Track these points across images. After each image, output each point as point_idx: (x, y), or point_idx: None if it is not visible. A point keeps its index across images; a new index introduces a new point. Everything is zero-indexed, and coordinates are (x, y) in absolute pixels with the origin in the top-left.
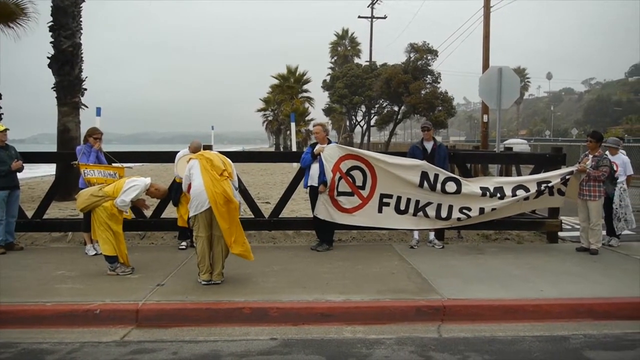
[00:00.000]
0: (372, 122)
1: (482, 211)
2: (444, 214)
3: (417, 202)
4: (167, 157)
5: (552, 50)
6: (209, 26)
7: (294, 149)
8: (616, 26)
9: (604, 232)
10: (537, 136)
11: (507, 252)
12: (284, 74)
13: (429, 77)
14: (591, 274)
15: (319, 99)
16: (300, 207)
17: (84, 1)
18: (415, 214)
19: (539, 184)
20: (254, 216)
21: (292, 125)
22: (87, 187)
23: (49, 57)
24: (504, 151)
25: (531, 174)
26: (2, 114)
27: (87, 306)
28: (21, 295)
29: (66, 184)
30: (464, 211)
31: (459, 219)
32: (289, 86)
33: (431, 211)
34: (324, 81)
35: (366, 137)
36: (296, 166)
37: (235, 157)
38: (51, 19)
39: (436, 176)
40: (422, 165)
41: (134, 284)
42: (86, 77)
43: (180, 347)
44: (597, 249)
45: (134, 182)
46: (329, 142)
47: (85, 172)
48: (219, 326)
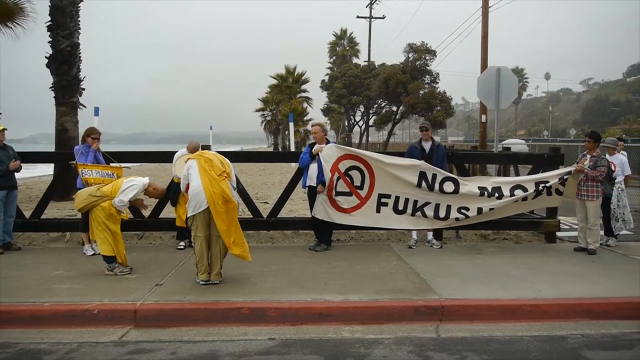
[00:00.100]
0: (371, 122)
1: (480, 211)
2: (442, 214)
3: (416, 202)
4: (166, 157)
5: (551, 50)
6: (209, 26)
7: (293, 149)
8: (615, 26)
9: (602, 232)
10: (536, 136)
11: (506, 252)
12: (283, 74)
13: (427, 77)
14: (589, 274)
15: (317, 99)
16: (298, 207)
17: (82, 1)
18: (413, 214)
19: (537, 184)
20: (252, 216)
21: (291, 125)
22: (85, 187)
23: (47, 57)
24: (502, 151)
25: (529, 174)
26: (1, 113)
27: (85, 306)
28: (19, 295)
29: (64, 184)
30: (462, 211)
31: (457, 219)
32: (288, 86)
33: (429, 211)
34: (323, 81)
35: (365, 137)
36: (295, 166)
37: (233, 157)
38: (49, 18)
39: (434, 176)
40: (420, 165)
41: (132, 284)
42: (84, 76)
43: (178, 347)
44: (595, 249)
45: (132, 182)
46: (328, 142)
47: (82, 172)
48: (217, 326)
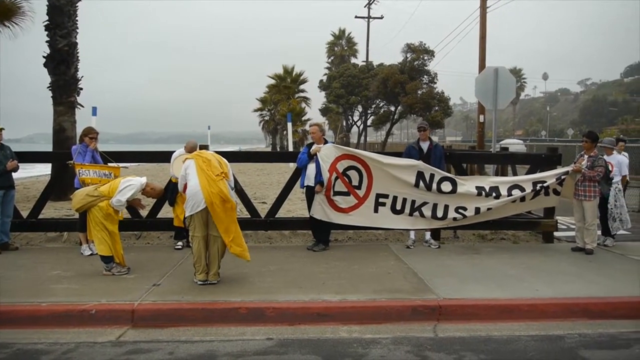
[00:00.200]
0: (369, 122)
1: (477, 211)
2: (439, 214)
3: (413, 202)
4: (163, 157)
5: (549, 50)
6: (209, 26)
7: (291, 149)
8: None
9: (599, 232)
10: (533, 136)
11: (503, 252)
12: (281, 74)
13: (425, 77)
14: (586, 273)
15: (315, 99)
16: (296, 207)
17: (79, 0)
18: (411, 214)
19: (534, 183)
20: (250, 216)
21: (289, 125)
22: (82, 187)
23: (44, 57)
24: (500, 151)
25: (527, 174)
26: None
27: (83, 306)
28: (16, 295)
29: (62, 184)
30: (460, 211)
31: (454, 219)
32: (286, 86)
33: (427, 211)
34: (321, 81)
35: (363, 137)
36: (293, 166)
37: (231, 157)
38: (47, 17)
39: (432, 176)
40: (418, 165)
41: (130, 284)
42: (82, 76)
43: (176, 347)
44: (592, 248)
45: (130, 182)
46: (326, 142)
47: (80, 172)
48: (215, 326)
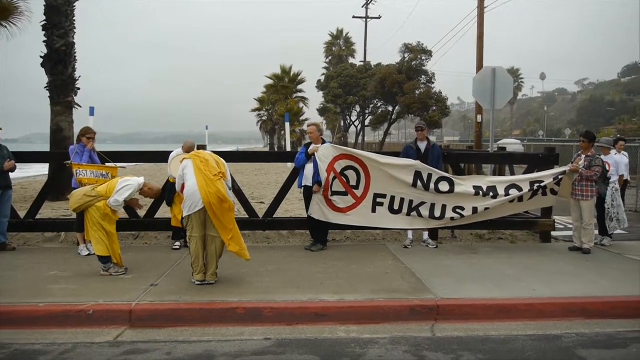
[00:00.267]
0: (367, 122)
1: (475, 211)
2: (437, 214)
3: (411, 201)
4: (161, 157)
5: (547, 50)
6: (209, 26)
7: (289, 149)
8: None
9: (597, 232)
10: (531, 136)
11: (501, 252)
12: (278, 74)
13: (423, 77)
14: (584, 273)
15: (313, 99)
16: (294, 207)
17: (77, 0)
18: (409, 214)
19: (531, 183)
20: (248, 216)
21: (287, 125)
22: (80, 187)
23: (42, 57)
24: (498, 151)
25: (524, 174)
26: None
27: (80, 307)
28: (14, 295)
29: (59, 184)
30: (458, 211)
31: (452, 219)
32: (284, 86)
33: (425, 211)
34: (319, 81)
35: (361, 137)
36: (290, 166)
37: (229, 157)
38: (44, 17)
39: (429, 176)
40: (416, 165)
41: (128, 285)
42: (79, 76)
43: (174, 348)
44: (589, 248)
45: (127, 182)
46: (324, 142)
47: (77, 172)
48: (212, 326)
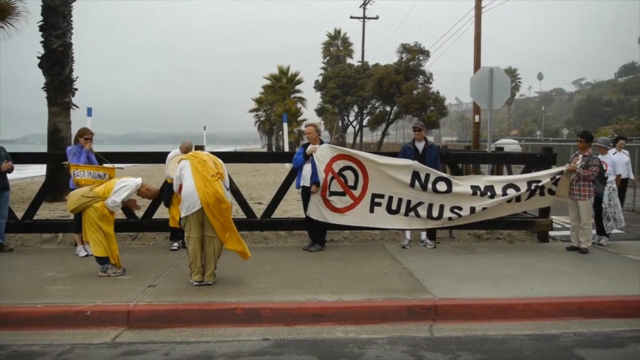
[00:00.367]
0: (365, 122)
1: (473, 210)
2: (435, 214)
3: (409, 202)
4: (159, 158)
5: (544, 51)
6: (209, 26)
7: (286, 149)
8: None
9: (594, 231)
10: (528, 136)
11: (499, 252)
12: (276, 74)
13: (420, 77)
14: (581, 272)
15: (311, 99)
16: (292, 207)
17: (74, 0)
18: (406, 214)
19: (529, 183)
20: (246, 217)
21: (285, 125)
22: (78, 188)
23: (39, 57)
24: (495, 151)
25: (522, 174)
26: None
27: (78, 308)
28: (11, 296)
29: (57, 185)
30: (455, 211)
31: (450, 219)
32: (281, 86)
33: (422, 211)
34: (316, 81)
35: (358, 137)
36: (288, 167)
37: (227, 157)
38: (41, 18)
39: (427, 176)
40: (414, 165)
41: (126, 285)
42: (77, 77)
43: (172, 348)
44: (587, 248)
45: (125, 183)
46: (321, 142)
47: (74, 173)
48: (210, 327)
